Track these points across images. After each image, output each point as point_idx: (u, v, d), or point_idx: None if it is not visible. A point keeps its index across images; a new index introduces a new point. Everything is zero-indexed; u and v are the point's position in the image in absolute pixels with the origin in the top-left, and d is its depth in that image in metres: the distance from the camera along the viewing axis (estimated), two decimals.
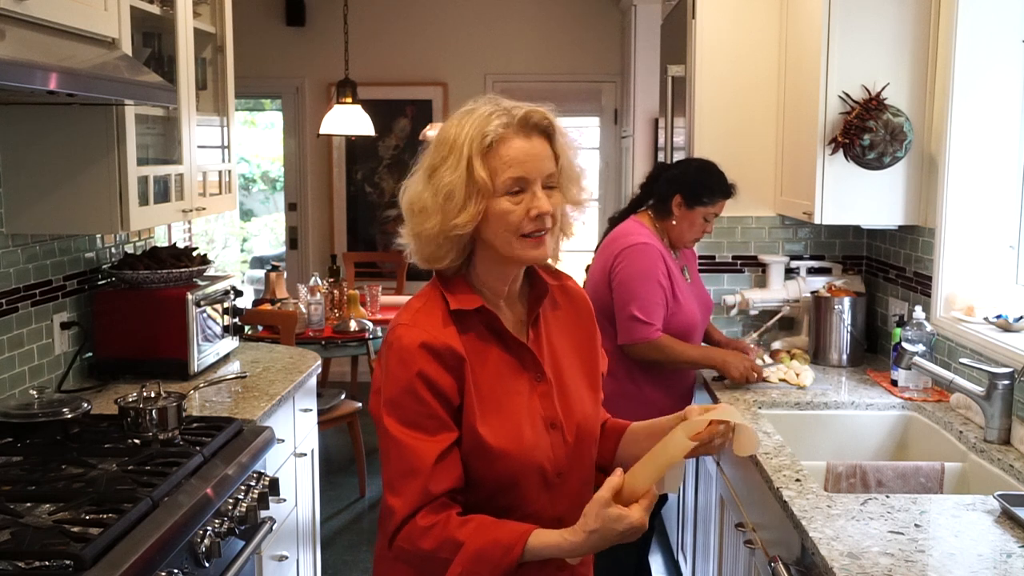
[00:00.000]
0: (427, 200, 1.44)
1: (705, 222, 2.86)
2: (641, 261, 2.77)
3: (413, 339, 1.44)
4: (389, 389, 1.44)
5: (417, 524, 1.41)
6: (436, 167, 1.45)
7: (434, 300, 1.51)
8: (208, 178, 3.08)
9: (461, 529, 1.40)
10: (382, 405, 1.45)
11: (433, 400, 1.43)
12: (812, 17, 3.03)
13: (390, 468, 1.44)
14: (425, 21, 6.55)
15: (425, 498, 1.41)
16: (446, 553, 1.39)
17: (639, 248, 2.79)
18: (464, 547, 1.39)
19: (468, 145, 1.42)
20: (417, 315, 1.49)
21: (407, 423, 1.42)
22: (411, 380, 1.42)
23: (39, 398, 2.29)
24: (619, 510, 1.36)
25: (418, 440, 1.42)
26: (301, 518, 2.95)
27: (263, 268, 8.10)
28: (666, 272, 2.80)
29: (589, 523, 1.37)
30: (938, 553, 1.66)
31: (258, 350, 3.35)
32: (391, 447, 1.43)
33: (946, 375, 2.38)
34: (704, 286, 3.10)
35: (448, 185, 1.42)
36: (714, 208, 2.84)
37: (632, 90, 5.90)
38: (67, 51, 2.05)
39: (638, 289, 2.75)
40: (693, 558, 3.27)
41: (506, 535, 1.40)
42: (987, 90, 2.73)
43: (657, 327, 2.75)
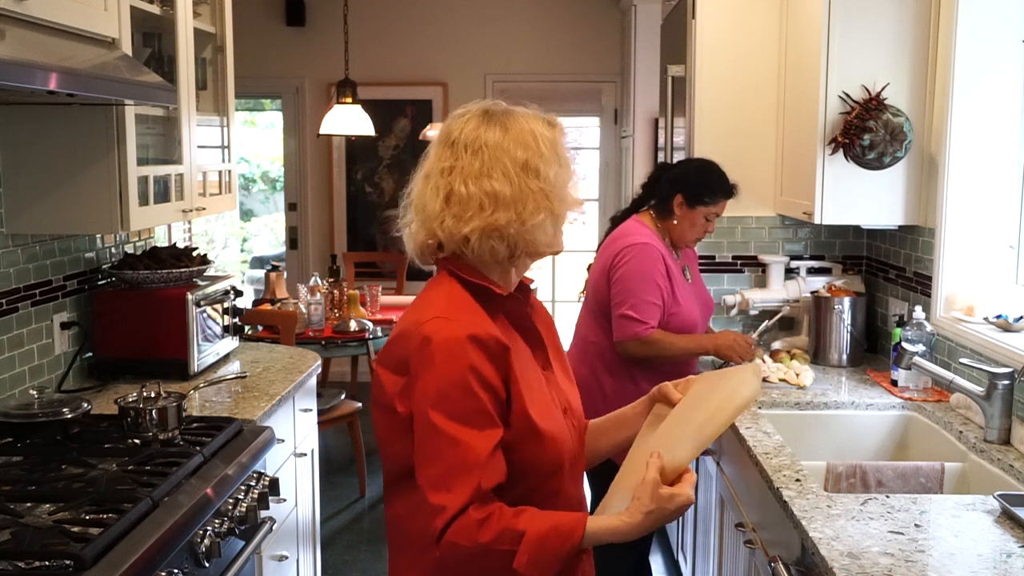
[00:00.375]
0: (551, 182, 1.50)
1: (706, 221, 2.87)
2: (640, 260, 2.78)
3: (459, 332, 1.42)
4: (436, 384, 1.40)
5: (471, 518, 1.38)
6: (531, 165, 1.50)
7: (457, 289, 1.51)
8: (208, 178, 3.08)
9: (517, 519, 1.40)
10: (428, 401, 1.41)
11: (484, 394, 1.42)
12: (812, 17, 3.03)
13: (439, 466, 1.40)
14: (425, 21, 6.55)
15: (477, 494, 1.39)
16: (506, 544, 1.37)
17: (639, 248, 2.80)
18: (526, 535, 1.38)
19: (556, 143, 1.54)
20: (451, 307, 1.47)
21: (457, 418, 1.40)
22: (462, 374, 1.40)
23: (39, 398, 2.29)
24: (671, 489, 1.40)
25: (471, 435, 1.40)
26: (301, 518, 2.95)
27: (263, 268, 8.11)
28: (665, 272, 2.80)
29: (645, 504, 1.40)
30: (938, 553, 1.66)
31: (258, 350, 3.36)
32: (441, 443, 1.39)
33: (946, 375, 2.38)
34: (705, 286, 3.10)
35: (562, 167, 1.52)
36: (715, 208, 2.85)
37: (632, 90, 5.90)
38: (67, 51, 2.05)
39: (635, 288, 2.76)
40: (693, 558, 3.27)
41: (565, 521, 1.41)
42: (987, 90, 2.73)
43: (650, 325, 2.75)
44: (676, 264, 2.90)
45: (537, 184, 1.49)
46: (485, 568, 1.40)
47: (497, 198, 1.47)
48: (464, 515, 1.38)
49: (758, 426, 2.45)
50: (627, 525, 1.41)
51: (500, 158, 1.49)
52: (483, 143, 1.49)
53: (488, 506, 1.40)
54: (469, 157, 1.49)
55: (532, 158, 1.49)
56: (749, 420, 2.50)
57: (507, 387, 1.46)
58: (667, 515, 1.41)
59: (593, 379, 2.86)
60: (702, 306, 2.97)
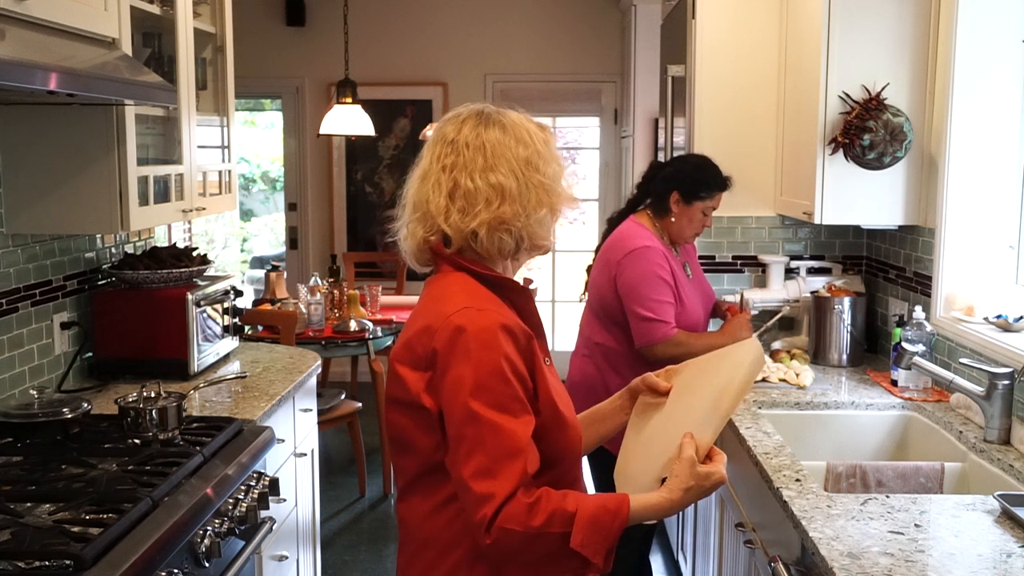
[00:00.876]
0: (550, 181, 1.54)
1: (704, 216, 2.87)
2: (644, 263, 2.79)
3: (492, 322, 1.43)
4: (474, 374, 1.40)
5: (521, 502, 1.38)
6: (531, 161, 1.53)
7: (473, 285, 1.51)
8: (208, 178, 3.09)
9: (565, 501, 1.40)
10: (465, 391, 1.39)
11: (517, 383, 1.43)
12: (812, 17, 3.03)
13: (483, 454, 1.38)
14: (425, 21, 6.55)
15: (524, 478, 1.39)
16: (558, 526, 1.38)
17: (640, 252, 2.80)
18: (577, 516, 1.39)
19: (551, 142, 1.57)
20: (476, 299, 1.47)
21: (498, 406, 1.40)
22: (499, 362, 1.41)
23: (39, 398, 2.29)
24: (707, 467, 1.47)
25: (512, 422, 1.40)
26: (301, 518, 2.95)
27: (263, 268, 8.11)
28: (670, 271, 2.81)
29: (684, 481, 1.46)
30: (938, 553, 1.66)
31: (258, 350, 3.36)
32: (484, 432, 1.38)
33: (946, 375, 2.38)
34: (704, 278, 3.11)
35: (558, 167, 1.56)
36: (712, 202, 2.87)
37: (632, 90, 5.90)
38: (67, 51, 2.05)
39: (645, 291, 2.77)
40: (693, 558, 3.27)
41: (610, 500, 1.43)
42: (987, 90, 2.73)
43: (672, 324, 2.77)
44: (677, 262, 2.91)
45: (538, 178, 1.52)
46: (538, 552, 1.40)
47: (503, 191, 1.49)
48: (513, 500, 1.37)
49: (758, 426, 2.45)
50: (668, 501, 1.46)
51: (503, 154, 1.51)
52: (484, 140, 1.51)
53: (534, 491, 1.40)
54: (472, 153, 1.51)
55: (532, 155, 1.52)
56: (749, 420, 2.50)
57: (534, 376, 1.47)
58: (704, 491, 1.47)
59: (599, 378, 2.87)
60: (704, 300, 2.98)
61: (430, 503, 1.49)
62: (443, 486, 1.47)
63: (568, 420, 1.52)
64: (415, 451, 1.49)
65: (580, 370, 2.96)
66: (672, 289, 2.80)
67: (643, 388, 1.68)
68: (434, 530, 1.50)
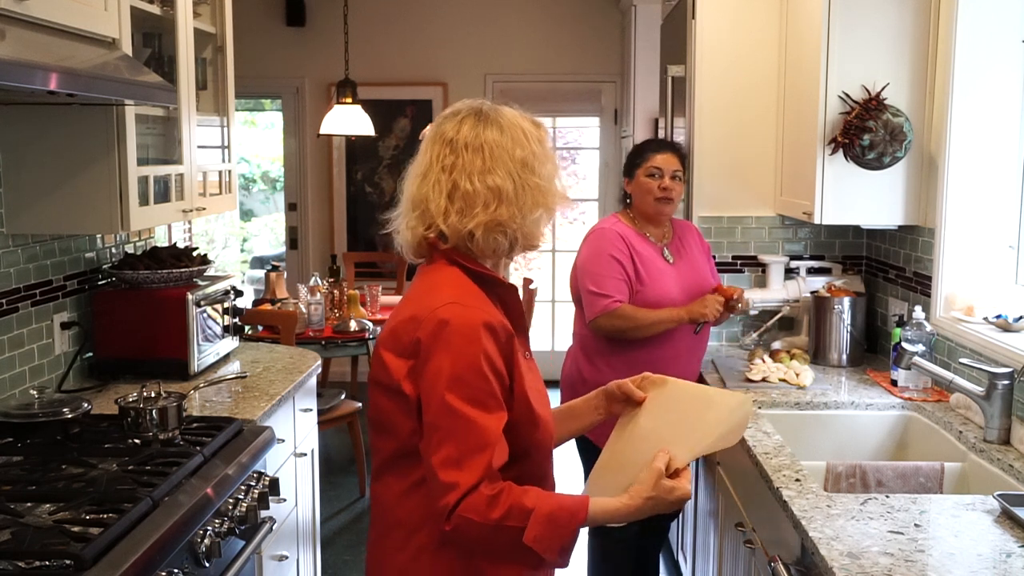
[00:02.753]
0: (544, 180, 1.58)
1: (652, 179, 2.90)
2: (595, 243, 2.92)
3: (474, 318, 1.47)
4: (453, 367, 1.44)
5: (483, 494, 1.42)
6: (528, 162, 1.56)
7: (463, 279, 1.55)
8: (208, 178, 3.09)
9: (525, 496, 1.44)
10: (443, 383, 1.44)
11: (494, 378, 1.47)
12: (812, 17, 3.03)
13: (453, 445, 1.43)
14: (425, 21, 6.55)
15: (489, 471, 1.43)
16: (515, 520, 1.42)
17: (594, 233, 2.96)
18: (535, 512, 1.42)
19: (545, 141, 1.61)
20: (462, 295, 1.51)
21: (472, 401, 1.44)
22: (478, 358, 1.45)
23: (39, 398, 2.29)
24: (672, 482, 1.50)
25: (483, 417, 1.44)
26: (301, 518, 2.95)
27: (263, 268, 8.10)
28: (627, 251, 2.87)
29: (647, 490, 1.49)
30: (938, 553, 1.66)
31: (258, 350, 3.36)
32: (456, 424, 1.43)
33: (946, 375, 2.38)
34: (703, 268, 3.04)
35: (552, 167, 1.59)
36: (651, 162, 2.92)
37: (632, 90, 5.90)
38: (67, 51, 2.05)
39: (592, 267, 2.88)
40: (693, 558, 3.27)
41: (569, 500, 1.47)
42: (987, 90, 2.73)
43: (615, 298, 2.81)
44: (652, 246, 2.95)
45: (534, 180, 1.55)
46: (494, 543, 1.44)
47: (501, 194, 1.52)
48: (476, 492, 1.41)
49: (758, 426, 2.45)
50: (627, 508, 1.49)
51: (501, 156, 1.54)
52: (483, 141, 1.54)
53: (498, 484, 1.43)
54: (471, 155, 1.53)
55: (528, 156, 1.55)
56: (749, 420, 2.50)
57: (511, 373, 1.51)
58: (665, 504, 1.50)
59: (575, 368, 2.97)
60: (688, 286, 2.93)
61: (403, 484, 1.54)
62: (416, 469, 1.51)
63: (540, 417, 1.56)
64: (393, 433, 1.53)
65: (566, 362, 3.07)
66: (623, 267, 2.84)
67: (618, 394, 1.70)
68: (405, 511, 1.55)
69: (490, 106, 1.59)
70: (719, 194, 3.52)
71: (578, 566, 3.63)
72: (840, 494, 1.99)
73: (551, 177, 1.58)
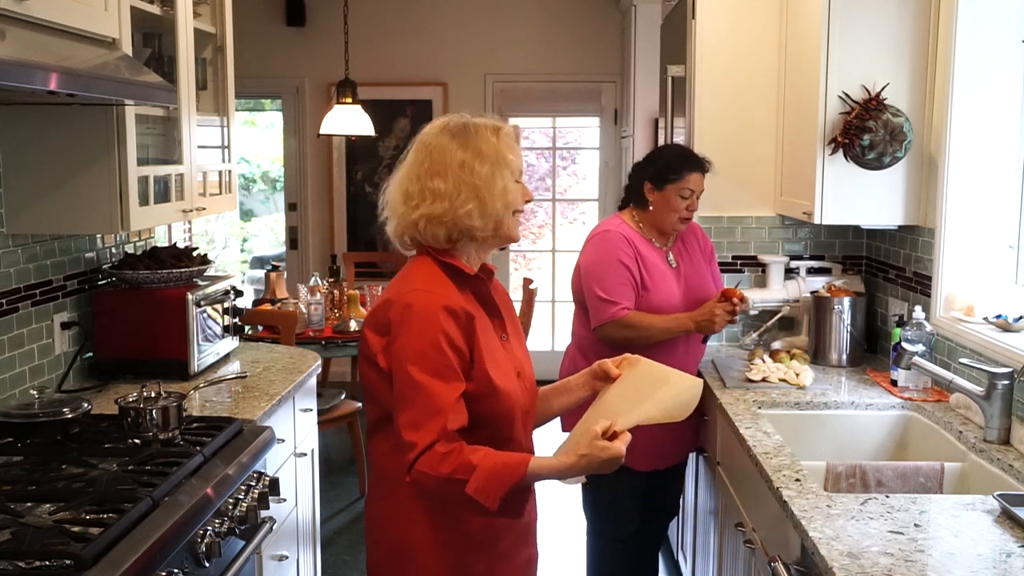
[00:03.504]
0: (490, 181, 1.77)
1: (683, 199, 2.86)
2: (599, 247, 2.88)
3: (435, 303, 1.72)
4: (415, 344, 1.70)
5: (436, 452, 1.66)
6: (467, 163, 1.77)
7: (434, 268, 1.80)
8: (208, 178, 3.09)
9: (474, 454, 1.67)
10: (406, 357, 1.69)
11: (452, 354, 1.70)
12: (812, 17, 3.03)
13: (413, 410, 1.68)
14: (425, 21, 6.55)
15: (443, 432, 1.66)
16: (462, 474, 1.65)
17: (599, 236, 2.92)
18: (478, 468, 1.65)
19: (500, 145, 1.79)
20: (429, 283, 1.76)
21: (431, 372, 1.68)
22: (436, 337, 1.69)
23: (39, 398, 2.29)
24: (605, 442, 1.69)
25: (439, 386, 1.68)
26: (301, 518, 2.95)
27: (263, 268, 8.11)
28: (633, 256, 2.84)
29: (581, 448, 1.70)
30: (938, 553, 1.66)
31: (258, 350, 3.36)
32: (416, 392, 1.68)
33: (946, 375, 2.38)
34: (705, 272, 3.04)
35: (504, 168, 1.78)
36: (685, 183, 2.86)
37: (632, 90, 5.90)
38: (67, 51, 2.05)
39: (598, 272, 2.85)
40: (693, 558, 3.27)
41: (512, 458, 1.70)
42: (987, 90, 2.73)
43: (623, 305, 2.79)
44: (657, 251, 2.92)
45: (470, 179, 1.75)
46: (446, 493, 1.69)
47: (436, 192, 1.76)
48: (431, 450, 1.66)
49: (758, 426, 2.45)
50: (563, 464, 1.71)
51: (443, 159, 1.77)
52: (433, 147, 1.78)
53: (452, 444, 1.67)
54: (422, 157, 1.79)
55: (469, 158, 1.76)
56: (749, 420, 2.51)
57: (471, 350, 1.74)
58: (598, 462, 1.68)
59: (573, 368, 2.89)
60: (690, 291, 2.94)
61: (388, 443, 1.79)
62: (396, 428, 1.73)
63: (501, 389, 1.77)
64: (377, 400, 1.79)
65: (564, 361, 3.07)
66: (631, 273, 2.82)
67: (600, 373, 1.91)
68: (390, 466, 1.80)
69: (469, 119, 1.81)
70: (719, 194, 3.51)
71: (578, 566, 3.64)
72: (840, 494, 1.99)
73: (489, 176, 1.76)
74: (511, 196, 1.79)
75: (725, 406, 2.66)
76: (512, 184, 1.79)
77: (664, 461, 3.00)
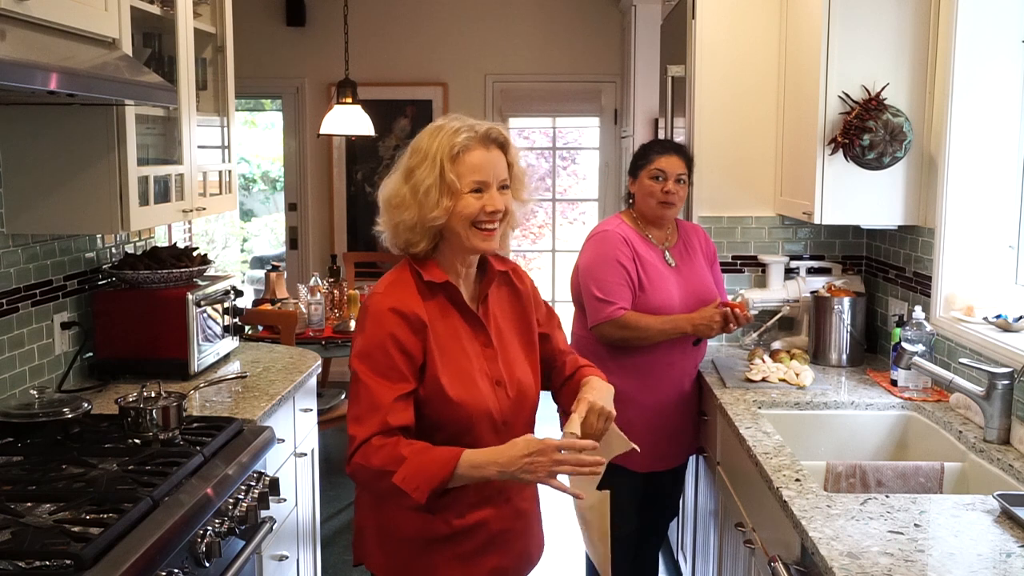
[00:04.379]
0: (406, 196, 1.80)
1: (656, 182, 2.88)
2: (598, 247, 2.89)
3: (386, 305, 1.78)
4: (363, 343, 1.77)
5: (372, 445, 1.72)
6: (413, 170, 1.79)
7: (406, 275, 1.85)
8: (208, 178, 3.09)
9: (406, 448, 1.72)
10: (355, 354, 1.78)
11: (398, 355, 1.75)
12: (812, 17, 3.03)
13: (357, 406, 1.75)
14: (425, 21, 6.55)
15: (382, 427, 1.72)
16: (391, 466, 1.69)
17: (598, 236, 2.93)
18: (406, 461, 1.70)
19: (441, 153, 1.77)
20: (391, 287, 1.82)
21: (375, 371, 1.75)
22: (383, 339, 1.75)
23: (39, 398, 2.29)
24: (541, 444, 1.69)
25: (381, 385, 1.74)
26: (301, 518, 2.95)
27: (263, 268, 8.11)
28: (631, 256, 2.85)
29: (513, 444, 1.71)
30: (938, 553, 1.66)
31: (258, 350, 3.36)
32: (360, 389, 1.76)
33: (946, 375, 2.38)
34: (705, 273, 3.03)
35: (426, 185, 1.77)
36: (654, 164, 2.88)
37: (632, 90, 5.90)
38: (67, 51, 2.05)
39: (596, 272, 2.85)
40: (693, 558, 3.27)
41: (443, 452, 1.72)
42: (987, 90, 2.73)
43: (620, 305, 2.80)
44: (655, 250, 2.93)
45: (407, 188, 1.79)
46: (379, 487, 1.75)
47: (390, 202, 1.83)
48: (367, 444, 1.72)
49: (758, 426, 2.45)
50: (491, 461, 1.70)
51: (401, 165, 1.82)
52: (408, 152, 1.83)
53: (389, 439, 1.72)
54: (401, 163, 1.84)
55: (415, 163, 1.79)
56: (749, 420, 2.51)
57: (425, 354, 1.78)
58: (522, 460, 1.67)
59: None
60: (689, 292, 2.92)
61: None
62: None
63: (454, 398, 1.79)
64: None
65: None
66: (628, 273, 2.83)
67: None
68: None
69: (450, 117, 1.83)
70: (719, 194, 3.52)
71: (577, 566, 3.64)
72: (840, 494, 1.99)
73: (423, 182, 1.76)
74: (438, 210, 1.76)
75: (725, 406, 2.66)
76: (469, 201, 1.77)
77: (663, 463, 2.99)
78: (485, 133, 1.79)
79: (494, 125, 1.82)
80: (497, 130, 1.82)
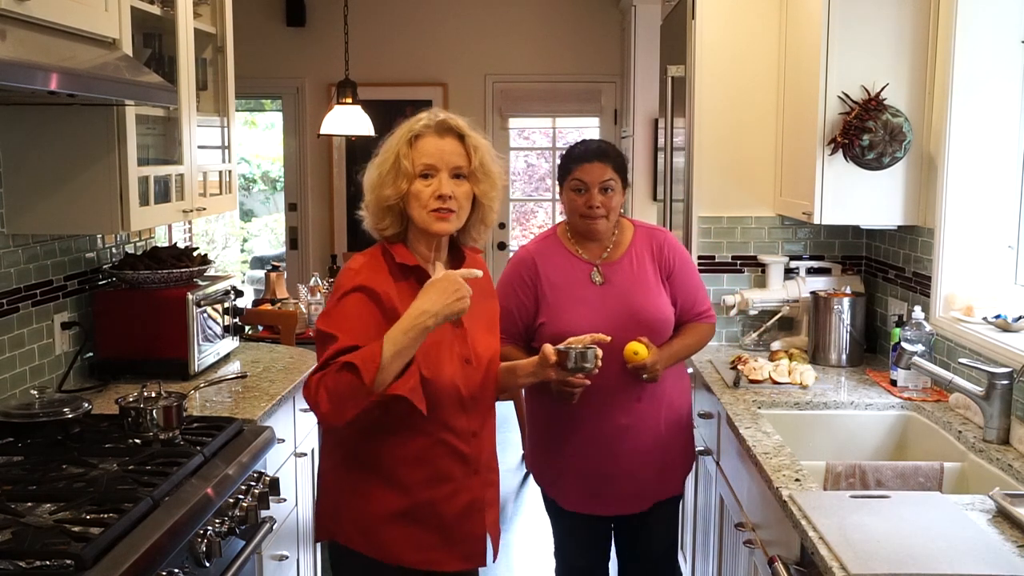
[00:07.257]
0: (372, 178, 1.98)
1: (578, 194, 2.55)
2: (505, 270, 2.67)
3: (353, 281, 1.89)
4: (329, 307, 1.90)
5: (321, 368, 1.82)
6: (380, 154, 1.99)
7: (378, 255, 1.98)
8: (208, 178, 3.09)
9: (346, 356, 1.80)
10: (320, 316, 1.90)
11: (362, 321, 1.85)
12: (812, 17, 3.03)
13: (320, 354, 1.85)
14: (425, 21, 6.55)
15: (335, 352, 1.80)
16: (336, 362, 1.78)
17: (513, 256, 2.78)
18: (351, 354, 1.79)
19: (399, 139, 1.96)
20: (363, 266, 1.94)
21: (333, 327, 1.85)
22: (343, 304, 1.87)
23: (40, 398, 2.29)
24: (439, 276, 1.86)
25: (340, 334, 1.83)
26: (301, 518, 2.96)
27: (263, 268, 8.11)
28: (532, 277, 2.57)
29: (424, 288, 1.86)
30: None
31: (258, 350, 3.36)
32: (320, 342, 1.88)
33: (945, 375, 2.39)
34: (647, 290, 2.59)
35: (383, 167, 1.95)
36: (575, 175, 2.56)
37: (632, 90, 5.90)
38: (68, 51, 2.06)
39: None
40: (693, 558, 3.27)
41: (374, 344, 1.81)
42: (987, 90, 2.73)
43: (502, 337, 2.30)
44: (579, 266, 2.59)
45: (376, 171, 1.98)
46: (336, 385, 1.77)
47: (364, 184, 2.01)
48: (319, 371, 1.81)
49: (758, 426, 2.45)
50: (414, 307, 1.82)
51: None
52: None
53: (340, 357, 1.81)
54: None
55: (383, 150, 1.99)
56: (749, 420, 2.51)
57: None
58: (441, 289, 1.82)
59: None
60: (618, 312, 2.53)
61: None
62: None
63: (423, 375, 1.87)
64: None
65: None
66: (522, 297, 2.56)
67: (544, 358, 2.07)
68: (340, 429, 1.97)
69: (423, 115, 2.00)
70: (719, 194, 3.52)
71: None
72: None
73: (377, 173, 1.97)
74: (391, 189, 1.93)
75: (725, 406, 2.66)
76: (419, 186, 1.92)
77: (601, 506, 2.62)
78: (441, 122, 1.94)
79: (454, 116, 1.96)
80: (455, 120, 1.95)
